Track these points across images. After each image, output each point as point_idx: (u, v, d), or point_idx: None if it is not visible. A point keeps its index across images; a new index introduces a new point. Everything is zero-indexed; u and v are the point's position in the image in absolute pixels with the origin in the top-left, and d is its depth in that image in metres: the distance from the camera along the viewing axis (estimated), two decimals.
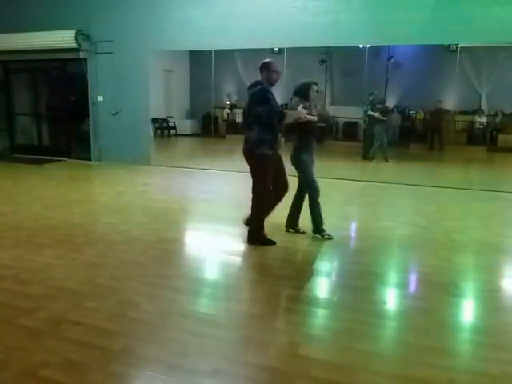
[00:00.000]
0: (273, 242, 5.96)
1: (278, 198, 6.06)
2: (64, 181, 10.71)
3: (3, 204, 8.09)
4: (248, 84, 5.90)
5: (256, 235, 5.96)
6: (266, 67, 5.74)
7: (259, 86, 5.66)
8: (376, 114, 13.08)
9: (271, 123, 5.65)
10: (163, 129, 18.37)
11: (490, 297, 4.62)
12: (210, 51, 12.29)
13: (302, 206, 6.37)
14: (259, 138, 5.64)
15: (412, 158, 14.72)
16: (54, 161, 13.22)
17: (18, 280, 4.80)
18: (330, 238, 6.23)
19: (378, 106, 13.21)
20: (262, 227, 5.97)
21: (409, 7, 9.70)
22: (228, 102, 18.97)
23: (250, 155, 5.76)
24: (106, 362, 3.36)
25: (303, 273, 5.26)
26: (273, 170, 5.81)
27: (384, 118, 13.16)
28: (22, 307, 4.16)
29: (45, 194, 9.05)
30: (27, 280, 4.80)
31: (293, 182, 6.19)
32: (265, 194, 5.83)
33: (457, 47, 11.67)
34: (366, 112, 13.26)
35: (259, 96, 5.62)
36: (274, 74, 5.75)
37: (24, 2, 12.75)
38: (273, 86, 5.78)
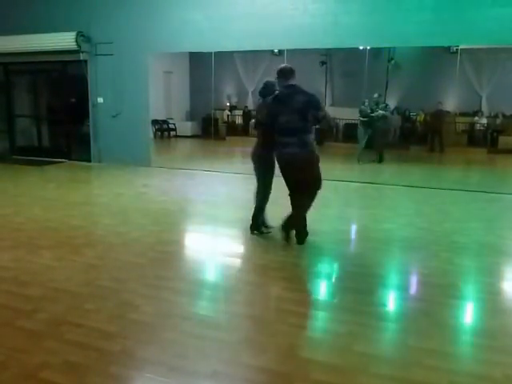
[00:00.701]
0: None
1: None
2: (64, 182, 10.70)
3: (3, 205, 8.09)
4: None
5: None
6: (294, 73, 5.90)
7: (308, 92, 5.80)
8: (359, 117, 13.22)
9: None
10: (163, 130, 18.37)
11: (490, 299, 4.62)
12: (210, 53, 12.29)
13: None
14: (312, 141, 5.81)
15: (412, 159, 14.69)
16: (53, 162, 13.21)
17: (17, 282, 4.80)
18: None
19: (363, 106, 13.27)
20: None
21: (409, 9, 9.69)
22: (228, 104, 18.95)
23: (312, 159, 5.82)
24: (106, 363, 3.35)
25: (303, 275, 5.25)
26: None
27: (363, 119, 13.22)
28: (22, 309, 4.16)
29: (45, 195, 9.05)
30: (27, 282, 4.80)
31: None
32: None
33: (457, 49, 11.66)
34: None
35: (319, 101, 5.90)
36: None
37: (24, 4, 12.77)
38: None
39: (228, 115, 18.78)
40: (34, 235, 6.39)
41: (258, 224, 6.38)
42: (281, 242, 6.03)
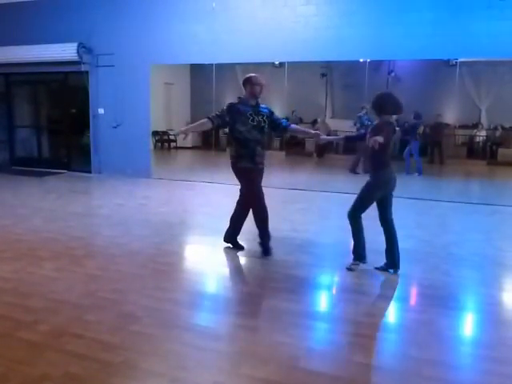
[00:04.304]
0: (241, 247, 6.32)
1: None
2: (64, 193, 10.71)
3: (3, 216, 8.09)
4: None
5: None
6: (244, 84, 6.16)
7: None
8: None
9: None
10: (163, 141, 18.39)
11: (489, 310, 4.63)
12: (212, 65, 12.34)
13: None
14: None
15: (412, 171, 14.70)
16: (53, 173, 13.24)
17: (18, 293, 4.81)
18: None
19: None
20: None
21: (409, 22, 9.76)
22: None
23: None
24: (107, 375, 3.35)
25: (303, 286, 5.25)
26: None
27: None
28: (23, 320, 4.16)
29: (44, 206, 9.06)
30: (27, 293, 4.80)
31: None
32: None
33: (456, 62, 11.73)
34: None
35: None
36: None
37: (26, 15, 12.85)
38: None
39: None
40: (35, 246, 6.40)
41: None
42: (281, 253, 6.04)
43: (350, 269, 5.60)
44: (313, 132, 6.59)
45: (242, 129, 5.82)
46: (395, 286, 5.36)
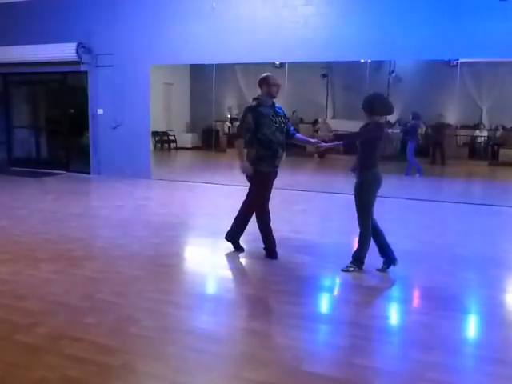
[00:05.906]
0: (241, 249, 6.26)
1: None
2: (63, 194, 10.67)
3: (1, 218, 8.04)
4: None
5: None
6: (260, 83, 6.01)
7: None
8: None
9: None
10: (163, 142, 18.36)
11: (492, 312, 4.59)
12: (212, 65, 12.30)
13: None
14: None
15: (414, 172, 14.69)
16: (52, 174, 13.19)
17: (16, 295, 4.75)
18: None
19: None
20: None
21: (410, 22, 9.73)
22: (229, 116, 18.92)
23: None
24: (106, 378, 3.31)
25: (304, 288, 5.22)
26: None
27: None
28: (21, 323, 4.11)
29: (43, 207, 9.01)
30: (25, 295, 4.75)
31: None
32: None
33: (457, 62, 11.70)
34: None
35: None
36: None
37: (25, 15, 12.81)
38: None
39: (229, 127, 18.71)
40: (33, 248, 6.34)
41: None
42: (282, 255, 6.00)
43: (345, 270, 5.55)
44: (313, 141, 6.68)
45: (266, 131, 5.77)
46: (397, 287, 5.32)
